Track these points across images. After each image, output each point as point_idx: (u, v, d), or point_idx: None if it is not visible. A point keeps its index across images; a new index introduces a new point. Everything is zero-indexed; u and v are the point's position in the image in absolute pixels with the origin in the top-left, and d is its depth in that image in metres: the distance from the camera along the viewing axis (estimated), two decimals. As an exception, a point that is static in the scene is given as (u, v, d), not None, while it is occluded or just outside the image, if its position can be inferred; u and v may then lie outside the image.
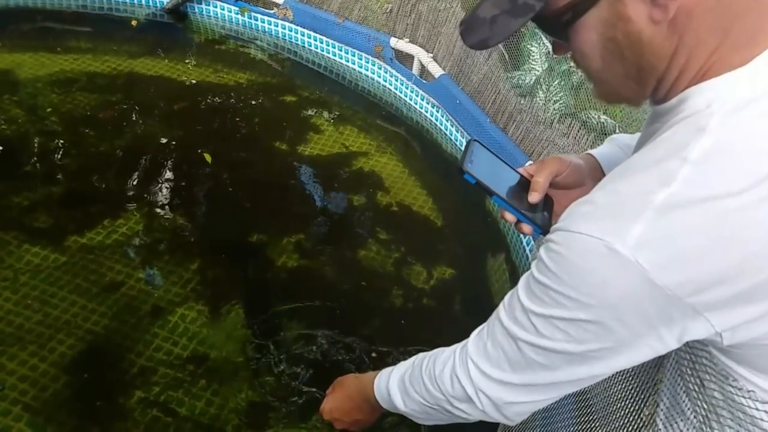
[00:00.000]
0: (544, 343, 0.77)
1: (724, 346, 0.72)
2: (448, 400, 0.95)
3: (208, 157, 2.54)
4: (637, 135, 1.00)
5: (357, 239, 2.31)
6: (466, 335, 0.96)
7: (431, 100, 2.92)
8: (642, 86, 0.75)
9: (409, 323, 2.02)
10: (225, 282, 2.05)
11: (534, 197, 0.93)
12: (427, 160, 2.82)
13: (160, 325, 1.88)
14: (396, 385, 1.11)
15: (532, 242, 2.07)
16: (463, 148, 0.99)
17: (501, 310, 0.84)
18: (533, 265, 0.78)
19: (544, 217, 0.93)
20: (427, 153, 2.87)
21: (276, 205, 2.43)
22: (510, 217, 0.94)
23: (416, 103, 3.02)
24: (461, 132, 2.76)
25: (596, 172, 1.00)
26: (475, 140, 0.97)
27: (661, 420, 0.91)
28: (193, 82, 3.04)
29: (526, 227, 0.93)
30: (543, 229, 0.92)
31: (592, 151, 1.04)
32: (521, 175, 0.96)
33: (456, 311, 2.10)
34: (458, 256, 2.31)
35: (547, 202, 0.95)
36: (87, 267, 2.01)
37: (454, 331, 2.01)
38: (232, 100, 2.97)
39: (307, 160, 2.65)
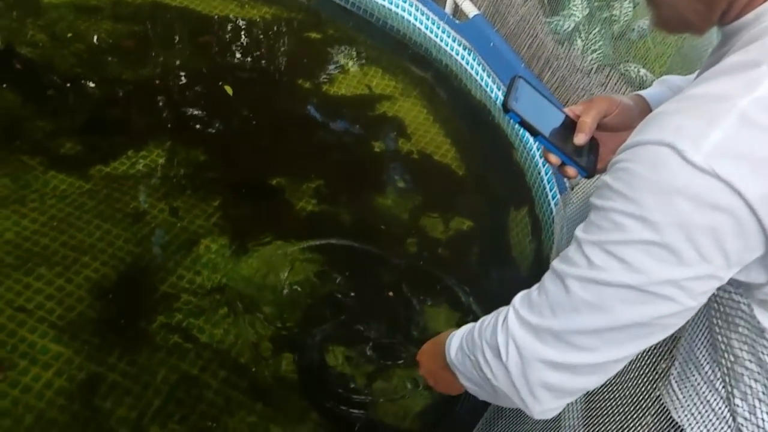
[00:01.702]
0: (595, 275, 0.67)
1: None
2: (482, 349, 0.83)
3: (229, 90, 2.56)
4: (691, 76, 0.95)
5: (375, 187, 2.34)
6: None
7: (463, 41, 2.83)
8: (710, 8, 0.69)
9: (424, 272, 2.07)
10: (246, 220, 2.11)
11: (580, 139, 0.88)
12: (454, 106, 2.81)
13: (183, 254, 1.95)
14: (458, 334, 0.98)
15: (558, 196, 2.09)
16: (506, 86, 0.92)
17: (554, 259, 0.79)
18: (592, 197, 0.70)
19: (589, 160, 0.89)
20: (455, 99, 2.84)
21: (296, 146, 2.46)
22: (554, 159, 0.90)
23: (447, 45, 2.93)
24: (493, 78, 2.69)
25: (645, 114, 0.94)
26: (520, 77, 0.92)
27: (675, 373, 0.94)
28: (218, 14, 3.03)
29: (571, 170, 0.90)
30: (588, 173, 0.89)
31: (642, 92, 1.00)
32: (567, 116, 0.92)
33: (472, 263, 2.15)
34: (478, 208, 2.34)
35: (593, 145, 0.92)
36: (111, 195, 2.08)
37: (465, 283, 2.09)
38: (256, 34, 2.96)
39: (330, 101, 2.66)
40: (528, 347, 0.75)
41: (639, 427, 1.07)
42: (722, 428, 0.85)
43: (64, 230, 1.94)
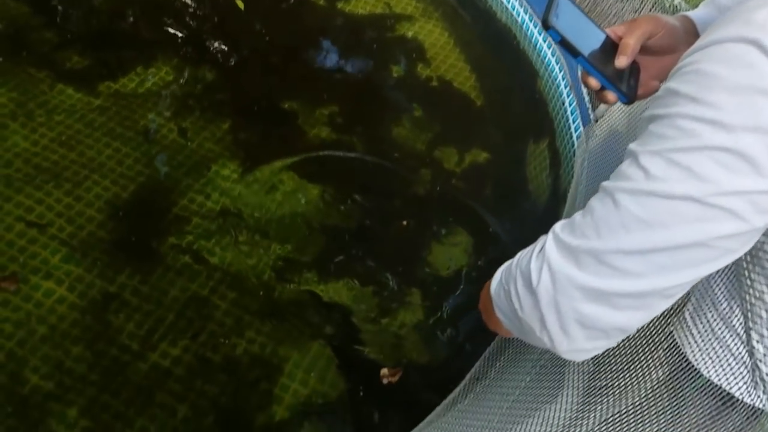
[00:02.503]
0: (653, 186, 0.60)
1: None
2: (515, 278, 0.76)
3: (240, 4, 2.47)
4: None
5: (391, 114, 2.28)
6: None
7: (489, -41, 2.67)
8: None
9: (436, 204, 2.06)
10: (257, 145, 2.08)
11: (622, 61, 0.84)
12: (477, 30, 2.68)
13: (193, 177, 1.94)
14: (503, 266, 0.89)
15: (581, 128, 2.03)
16: (546, 6, 0.87)
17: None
18: (649, 110, 0.65)
19: (630, 85, 0.86)
20: (478, 22, 2.71)
21: (309, 68, 2.39)
22: (594, 82, 0.87)
23: (472, -37, 2.78)
24: (520, 1, 2.57)
25: (692, 37, 0.90)
26: None
27: (689, 308, 0.94)
28: None
29: (611, 95, 0.87)
30: (628, 99, 0.86)
31: (689, 13, 0.94)
32: (608, 36, 0.88)
33: (486, 196, 2.12)
34: (495, 140, 2.29)
35: (634, 69, 0.88)
36: (120, 113, 2.05)
37: (479, 216, 2.07)
38: (270, -53, 2.82)
39: (346, 19, 2.56)
40: (563, 271, 0.67)
41: (649, 362, 1.08)
42: (737, 368, 0.85)
43: (74, 147, 1.93)
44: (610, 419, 0.99)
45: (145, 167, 1.93)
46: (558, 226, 0.71)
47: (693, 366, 0.97)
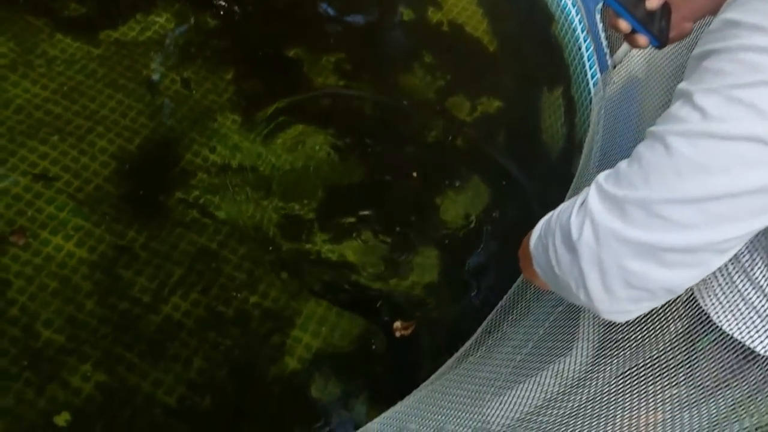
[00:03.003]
0: (712, 127, 0.55)
1: None
2: (554, 232, 0.71)
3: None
4: None
5: (401, 61, 2.22)
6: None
7: None
8: None
9: (447, 154, 2.02)
10: (261, 95, 2.03)
11: (653, 2, 0.82)
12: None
13: (197, 130, 1.91)
14: (544, 218, 0.82)
15: (598, 75, 1.97)
16: None
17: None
18: (702, 46, 0.60)
19: (661, 27, 0.83)
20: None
21: (315, 13, 2.31)
22: (624, 25, 0.84)
23: None
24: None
25: None
26: None
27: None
28: None
29: (642, 39, 0.84)
30: (660, 42, 0.83)
31: None
32: None
33: (498, 146, 2.08)
34: (508, 88, 2.23)
35: (665, 11, 0.84)
36: (122, 62, 2.00)
37: (492, 167, 2.04)
38: None
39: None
40: (607, 225, 0.62)
41: (667, 314, 1.07)
42: (759, 322, 0.83)
43: (76, 99, 1.89)
44: (627, 373, 0.99)
45: (149, 120, 1.90)
46: (602, 177, 0.66)
47: (712, 320, 0.96)
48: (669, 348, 1.00)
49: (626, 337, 1.10)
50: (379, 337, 1.65)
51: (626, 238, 0.60)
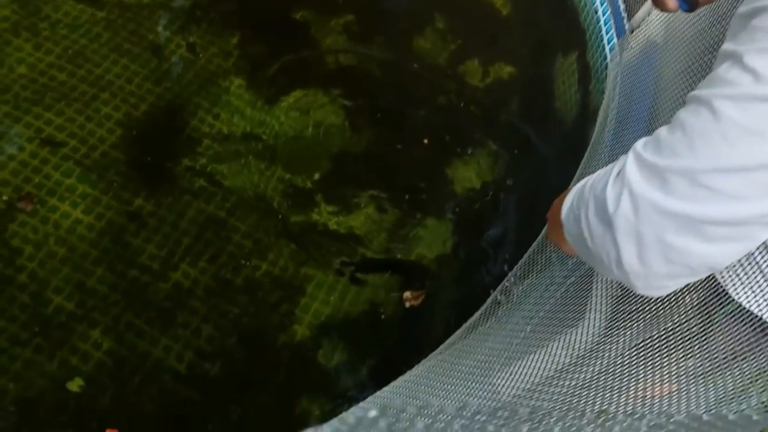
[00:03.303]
0: (764, 90, 0.52)
1: None
2: (587, 203, 0.66)
3: None
4: None
5: (412, 25, 2.17)
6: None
7: None
8: None
9: (458, 121, 1.99)
10: (267, 59, 2.00)
11: None
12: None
13: (203, 95, 1.88)
14: (577, 186, 0.77)
15: (615, 40, 1.92)
16: None
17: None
18: (747, 4, 0.57)
19: None
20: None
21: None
22: None
23: None
24: None
25: None
26: None
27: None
28: None
29: (671, 3, 0.82)
30: (689, 6, 0.81)
31: None
32: None
33: (511, 113, 2.05)
34: (521, 53, 2.17)
35: None
36: (126, 26, 1.96)
37: (504, 134, 2.01)
38: None
39: None
40: (647, 196, 0.57)
41: (683, 286, 1.05)
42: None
43: (81, 64, 1.87)
44: (641, 344, 0.98)
45: (154, 85, 1.88)
46: (640, 145, 0.61)
47: (726, 292, 0.94)
48: (684, 320, 0.99)
49: (640, 309, 1.09)
50: (389, 306, 1.65)
51: (667, 210, 0.57)
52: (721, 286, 0.92)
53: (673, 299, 1.05)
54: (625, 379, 0.93)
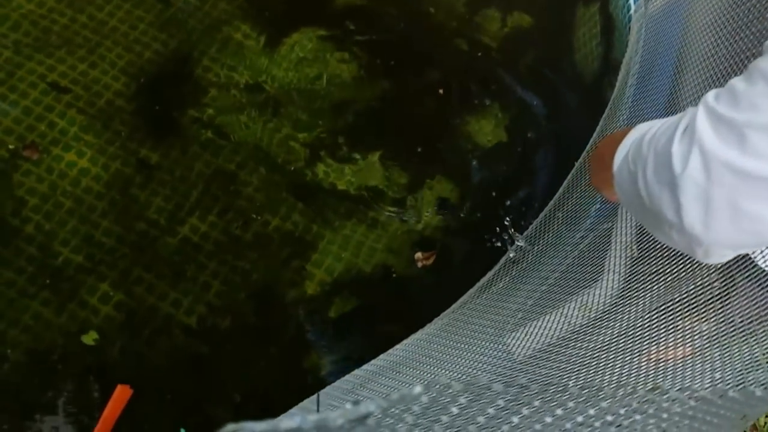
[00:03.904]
0: None
1: None
2: (646, 159, 0.61)
3: None
4: None
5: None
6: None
7: None
8: None
9: (475, 71, 1.93)
10: (275, 4, 1.93)
11: None
12: None
13: (208, 43, 1.83)
14: (631, 135, 0.70)
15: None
16: None
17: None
18: None
19: None
20: None
21: None
22: None
23: None
24: None
25: None
26: None
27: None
28: None
29: None
30: None
31: None
32: None
33: (529, 64, 1.99)
34: (541, 2, 2.09)
35: None
36: (128, -33, 1.90)
37: (524, 86, 1.96)
38: None
39: None
40: (722, 155, 0.52)
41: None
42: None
43: (83, 9, 1.81)
44: (661, 307, 0.97)
45: (158, 32, 1.82)
46: (710, 97, 0.56)
47: (749, 256, 0.93)
48: (707, 283, 0.97)
49: (660, 271, 1.07)
50: (400, 266, 1.64)
51: (744, 171, 0.51)
52: (746, 253, 0.91)
53: (691, 261, 1.04)
54: (645, 342, 0.93)
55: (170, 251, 1.57)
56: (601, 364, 0.91)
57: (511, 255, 1.42)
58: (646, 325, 0.94)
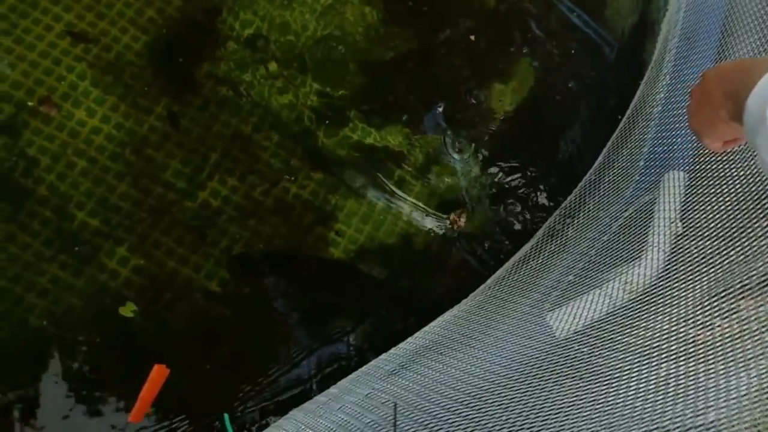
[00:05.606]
0: None
1: None
2: None
3: None
4: None
5: None
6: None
7: None
8: None
9: (509, 19, 1.86)
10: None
11: None
12: None
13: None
14: None
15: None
16: None
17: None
18: None
19: None
20: None
21: None
22: None
23: None
24: None
25: None
26: None
27: None
28: None
29: None
30: None
31: None
32: None
33: (558, 18, 1.91)
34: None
35: None
36: None
37: (561, 35, 1.87)
38: None
39: None
40: None
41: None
42: None
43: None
44: (719, 295, 0.95)
45: (172, -21, 1.74)
46: None
47: None
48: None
49: (712, 252, 1.05)
50: (426, 238, 1.62)
51: None
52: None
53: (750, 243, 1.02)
54: (700, 328, 0.92)
55: (190, 215, 1.54)
56: (656, 344, 0.89)
57: (552, 227, 1.40)
58: (707, 311, 0.92)
